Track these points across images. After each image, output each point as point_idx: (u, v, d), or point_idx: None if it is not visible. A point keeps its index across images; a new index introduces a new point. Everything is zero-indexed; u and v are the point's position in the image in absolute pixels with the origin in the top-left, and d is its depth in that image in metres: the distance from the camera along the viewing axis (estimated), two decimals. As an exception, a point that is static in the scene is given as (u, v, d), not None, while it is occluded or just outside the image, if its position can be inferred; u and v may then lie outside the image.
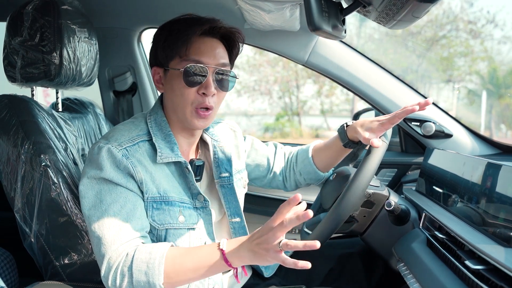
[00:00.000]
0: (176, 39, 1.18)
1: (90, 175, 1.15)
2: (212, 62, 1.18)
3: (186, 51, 1.17)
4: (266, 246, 0.96)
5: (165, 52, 1.20)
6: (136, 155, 1.16)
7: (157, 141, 1.20)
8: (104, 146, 1.15)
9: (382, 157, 1.23)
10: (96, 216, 1.11)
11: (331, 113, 13.69)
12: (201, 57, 1.17)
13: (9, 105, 1.37)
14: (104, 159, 1.13)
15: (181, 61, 1.18)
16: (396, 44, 13.58)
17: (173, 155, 1.20)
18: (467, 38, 13.02)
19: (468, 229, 1.06)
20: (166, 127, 1.23)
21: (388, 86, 1.85)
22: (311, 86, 13.59)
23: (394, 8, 1.05)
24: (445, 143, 1.83)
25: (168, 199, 1.18)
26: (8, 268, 1.53)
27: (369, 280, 1.59)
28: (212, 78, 1.18)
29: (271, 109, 14.04)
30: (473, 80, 13.16)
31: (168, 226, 1.18)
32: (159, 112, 1.25)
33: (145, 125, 1.24)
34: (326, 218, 1.22)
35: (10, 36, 1.42)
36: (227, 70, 1.21)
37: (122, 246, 1.08)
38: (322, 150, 1.48)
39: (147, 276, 1.04)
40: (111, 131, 1.22)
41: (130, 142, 1.18)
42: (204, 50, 1.18)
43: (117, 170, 1.13)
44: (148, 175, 1.16)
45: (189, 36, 1.17)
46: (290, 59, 1.92)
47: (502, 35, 13.50)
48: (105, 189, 1.13)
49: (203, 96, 1.18)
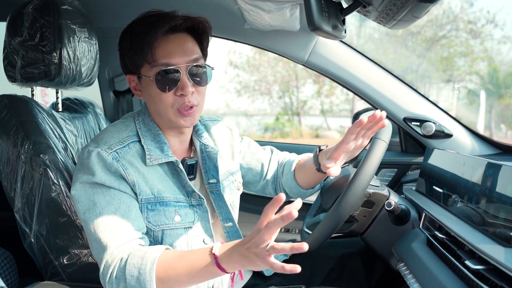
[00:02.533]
0: (140, 44, 1.13)
1: (82, 180, 1.13)
2: (183, 61, 1.14)
3: (152, 56, 1.12)
4: (255, 250, 0.91)
5: (133, 59, 1.16)
6: (127, 157, 1.15)
7: (146, 142, 1.19)
8: (94, 150, 1.13)
9: (382, 157, 1.23)
10: (91, 219, 1.10)
11: (331, 113, 13.68)
12: (170, 59, 1.13)
13: (9, 105, 1.37)
14: (94, 164, 1.12)
15: (151, 67, 1.13)
16: (396, 44, 13.57)
17: (163, 156, 1.18)
18: (467, 38, 13.02)
19: (468, 229, 1.06)
20: (154, 128, 1.22)
21: (388, 86, 1.85)
22: (311, 86, 13.59)
23: (394, 8, 1.05)
24: (445, 143, 1.83)
25: (162, 199, 1.17)
26: (8, 268, 1.53)
27: (369, 280, 1.59)
28: (186, 76, 1.14)
29: (271, 109, 14.03)
30: (473, 80, 13.16)
31: (164, 227, 1.17)
32: (146, 113, 1.24)
33: (134, 125, 1.22)
34: (326, 218, 1.22)
35: (10, 36, 1.42)
36: (201, 64, 1.17)
37: (117, 249, 1.07)
38: (301, 167, 1.42)
39: (139, 282, 1.02)
40: (101, 133, 1.21)
41: (120, 144, 1.16)
42: (172, 50, 1.13)
43: (108, 174, 1.12)
44: (141, 176, 1.15)
45: (151, 39, 1.11)
46: (290, 59, 1.92)
47: (502, 35, 13.50)
48: (98, 192, 1.12)
49: (182, 97, 1.15)
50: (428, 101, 1.87)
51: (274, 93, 13.76)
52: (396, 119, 1.85)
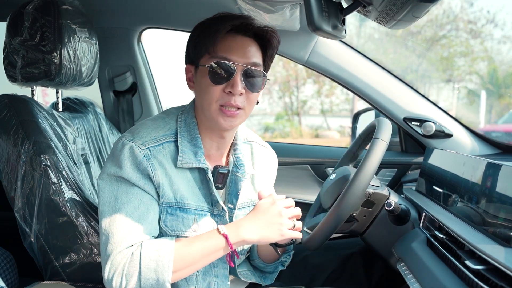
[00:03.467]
0: (206, 35, 1.15)
1: (109, 171, 1.14)
2: (241, 60, 1.14)
3: (214, 47, 1.14)
4: (283, 220, 1.12)
5: (196, 49, 1.18)
6: (158, 157, 1.15)
7: (182, 143, 1.18)
8: (128, 144, 1.14)
9: (382, 157, 1.23)
10: (108, 213, 1.12)
11: (331, 113, 13.69)
12: (229, 55, 1.14)
13: (9, 105, 1.37)
14: (125, 157, 1.13)
15: (210, 57, 1.15)
16: (396, 44, 13.58)
17: (195, 161, 1.17)
18: (467, 38, 13.03)
19: (468, 229, 1.06)
20: (194, 129, 1.20)
21: (388, 86, 1.85)
22: (311, 86, 13.60)
23: (394, 8, 1.05)
24: (445, 143, 1.83)
25: (184, 206, 1.17)
26: (8, 268, 1.53)
27: (369, 280, 1.59)
28: (240, 77, 1.13)
29: (271, 109, 14.04)
30: (473, 80, 13.17)
31: (179, 233, 1.17)
32: (191, 112, 1.23)
33: (175, 123, 1.21)
34: (326, 218, 1.22)
35: (10, 36, 1.42)
36: (258, 70, 1.17)
37: (127, 249, 1.08)
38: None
39: (157, 273, 1.06)
40: (139, 126, 1.20)
41: (154, 142, 1.16)
42: (234, 48, 1.14)
43: (136, 171, 1.12)
44: (167, 179, 1.15)
45: (218, 32, 1.13)
46: (290, 59, 1.92)
47: (502, 35, 13.52)
48: (122, 188, 1.13)
49: (230, 94, 1.13)
50: (428, 101, 1.87)
51: (274, 93, 13.76)
52: (396, 119, 1.85)
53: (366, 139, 1.50)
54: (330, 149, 2.16)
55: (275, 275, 1.41)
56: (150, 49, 2.37)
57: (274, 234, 1.13)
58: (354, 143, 1.55)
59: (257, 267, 1.40)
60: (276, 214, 1.13)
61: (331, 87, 13.01)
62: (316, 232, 1.24)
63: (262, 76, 1.17)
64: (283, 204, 1.15)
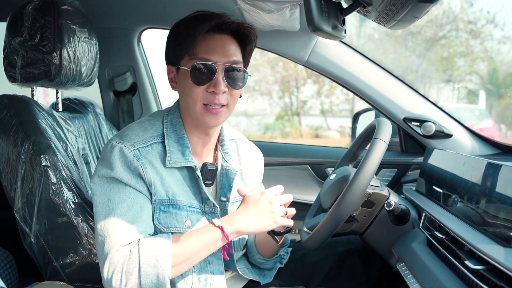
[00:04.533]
0: (185, 37, 1.17)
1: (101, 173, 1.16)
2: (222, 60, 1.16)
3: (194, 49, 1.16)
4: (275, 208, 1.15)
5: (175, 50, 1.19)
6: (148, 157, 1.16)
7: (169, 143, 1.20)
8: (117, 146, 1.15)
9: (382, 157, 1.23)
10: (103, 214, 1.13)
11: (331, 113, 13.68)
12: (209, 55, 1.15)
13: (9, 105, 1.37)
14: (115, 159, 1.14)
15: (190, 59, 1.16)
16: (396, 44, 13.58)
17: (183, 160, 1.19)
18: (467, 38, 13.03)
19: (468, 229, 1.06)
20: (180, 129, 1.22)
21: (388, 86, 1.85)
22: (311, 86, 13.59)
23: (394, 8, 1.05)
24: (445, 143, 1.83)
25: (176, 203, 1.18)
26: (8, 268, 1.53)
27: (369, 279, 1.58)
28: (222, 76, 1.16)
29: (271, 109, 14.03)
30: (473, 80, 13.17)
31: (173, 229, 1.18)
32: (176, 113, 1.25)
33: (161, 124, 1.23)
34: (326, 218, 1.22)
35: (10, 36, 1.42)
36: (238, 68, 1.19)
37: (124, 247, 1.09)
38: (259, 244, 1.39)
39: (156, 268, 1.07)
40: (126, 129, 1.22)
41: (143, 143, 1.18)
42: (213, 48, 1.16)
43: (127, 171, 1.14)
44: (158, 177, 1.16)
45: (196, 33, 1.14)
46: (290, 59, 1.92)
47: (502, 35, 13.53)
48: (114, 188, 1.14)
49: (213, 94, 1.16)
50: (428, 101, 1.87)
51: (274, 93, 13.76)
52: (396, 119, 1.85)
53: (366, 139, 1.50)
54: (330, 149, 2.16)
55: (274, 272, 1.42)
56: (150, 49, 2.37)
57: (268, 222, 1.15)
58: (354, 143, 1.56)
59: (255, 265, 1.41)
60: (266, 203, 1.15)
61: (331, 87, 13.00)
62: (316, 232, 1.24)
63: (243, 71, 1.20)
64: (272, 192, 1.17)
